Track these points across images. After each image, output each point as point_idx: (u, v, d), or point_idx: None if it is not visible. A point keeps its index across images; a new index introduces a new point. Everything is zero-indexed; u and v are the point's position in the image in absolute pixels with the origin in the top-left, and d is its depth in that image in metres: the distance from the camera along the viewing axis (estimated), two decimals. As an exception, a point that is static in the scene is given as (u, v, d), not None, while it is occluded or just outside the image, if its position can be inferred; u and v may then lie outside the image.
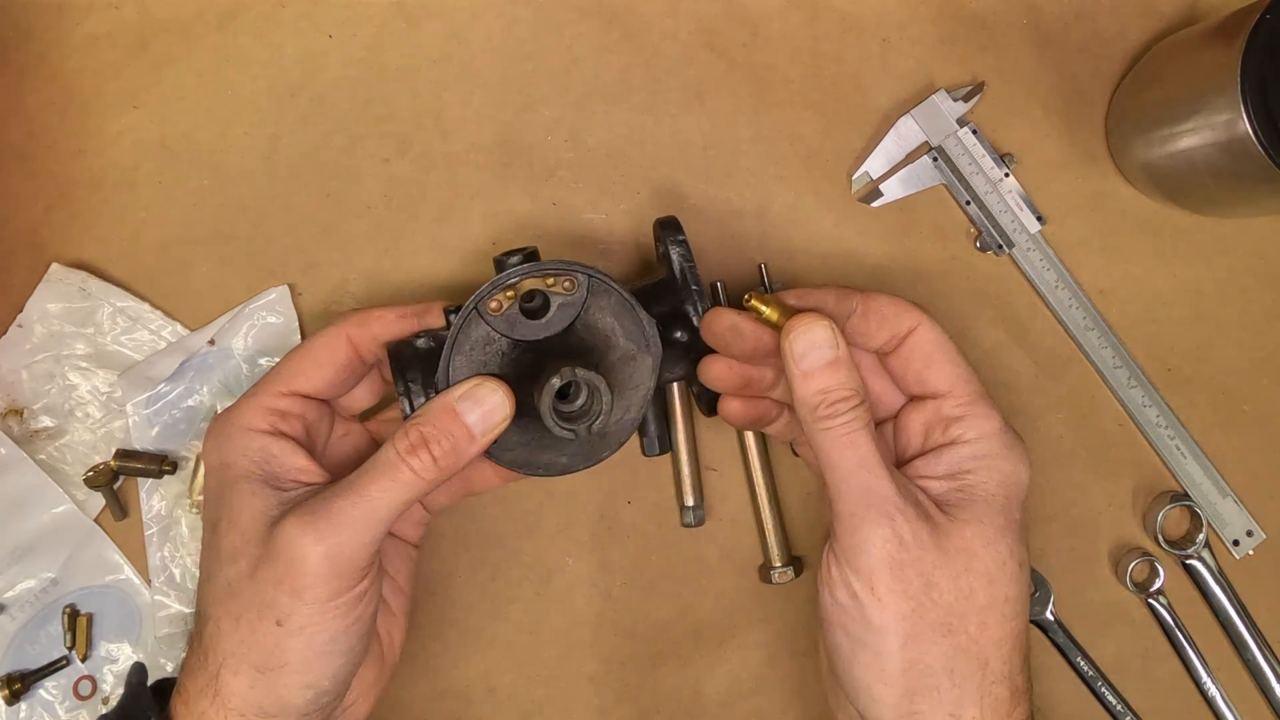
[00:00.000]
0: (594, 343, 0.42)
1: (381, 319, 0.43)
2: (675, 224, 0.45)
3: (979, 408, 0.41)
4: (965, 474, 0.40)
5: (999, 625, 0.38)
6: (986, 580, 0.38)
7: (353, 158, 0.52)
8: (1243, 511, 0.52)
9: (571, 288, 0.41)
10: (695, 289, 0.43)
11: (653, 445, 0.50)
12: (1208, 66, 0.45)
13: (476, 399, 0.39)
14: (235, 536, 0.39)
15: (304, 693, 0.38)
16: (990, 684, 0.38)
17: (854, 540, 0.38)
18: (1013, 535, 0.39)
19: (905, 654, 0.37)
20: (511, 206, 0.52)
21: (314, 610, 0.37)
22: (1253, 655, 0.51)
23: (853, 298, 0.42)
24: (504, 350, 0.41)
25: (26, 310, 0.51)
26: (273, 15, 0.52)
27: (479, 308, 0.40)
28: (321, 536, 0.37)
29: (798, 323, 0.40)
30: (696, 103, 0.52)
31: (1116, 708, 0.51)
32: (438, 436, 0.39)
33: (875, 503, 0.38)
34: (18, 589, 0.50)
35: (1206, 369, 0.52)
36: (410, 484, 0.38)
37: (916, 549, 0.37)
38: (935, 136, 0.51)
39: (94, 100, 0.52)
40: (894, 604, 0.37)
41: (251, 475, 0.40)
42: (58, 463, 0.50)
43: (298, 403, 0.42)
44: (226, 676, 0.38)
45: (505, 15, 0.52)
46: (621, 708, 0.51)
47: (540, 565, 0.51)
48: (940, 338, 0.42)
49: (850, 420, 0.38)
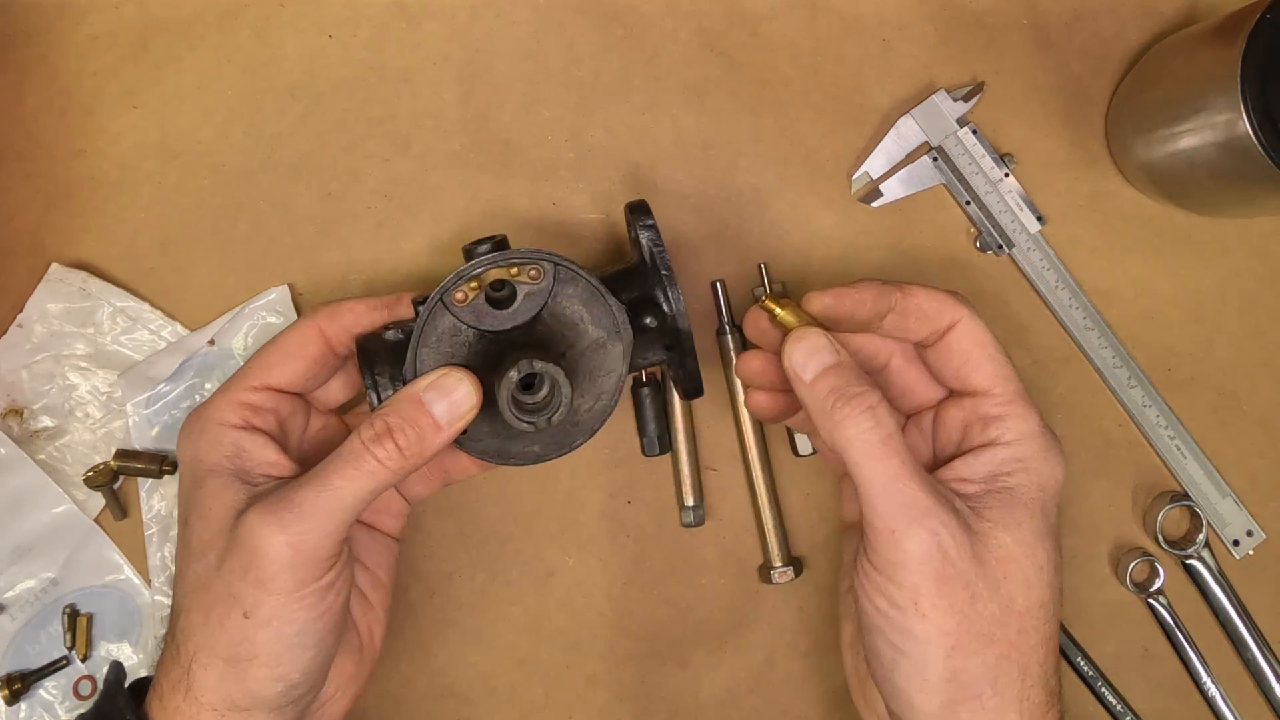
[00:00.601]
0: (562, 331, 0.41)
1: (352, 310, 0.43)
2: (644, 207, 0.44)
3: (1018, 407, 0.40)
4: (1004, 476, 0.39)
5: (1036, 630, 0.38)
6: (1025, 587, 0.38)
7: (353, 158, 0.52)
8: (1243, 511, 0.52)
9: (538, 276, 0.40)
10: (665, 274, 0.42)
11: (653, 445, 0.50)
12: (1208, 66, 0.45)
13: (443, 389, 0.39)
14: (205, 530, 0.39)
15: (274, 685, 0.38)
16: (1029, 689, 0.38)
17: (895, 555, 0.37)
18: (1050, 539, 0.39)
19: (949, 665, 0.37)
20: (511, 206, 0.52)
21: (280, 601, 0.37)
22: (1253, 655, 0.51)
23: (891, 294, 0.41)
24: (471, 341, 0.41)
25: (26, 310, 0.51)
26: (273, 15, 0.52)
27: (445, 299, 0.40)
28: (284, 526, 0.37)
29: (792, 338, 0.40)
30: (696, 103, 0.52)
31: (1116, 708, 0.51)
32: (403, 426, 0.38)
33: (916, 516, 0.37)
34: (18, 589, 0.50)
35: (1206, 369, 0.52)
36: (375, 474, 0.38)
37: (960, 562, 0.37)
38: (935, 136, 0.51)
39: (94, 100, 0.52)
40: (938, 619, 0.37)
41: (222, 469, 0.40)
42: (58, 463, 0.50)
43: (270, 397, 0.42)
44: (197, 670, 0.38)
45: (505, 15, 0.52)
46: (621, 708, 0.51)
47: (540, 565, 0.51)
48: (981, 333, 0.41)
49: (873, 426, 0.38)
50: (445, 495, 0.51)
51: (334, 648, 0.40)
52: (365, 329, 0.44)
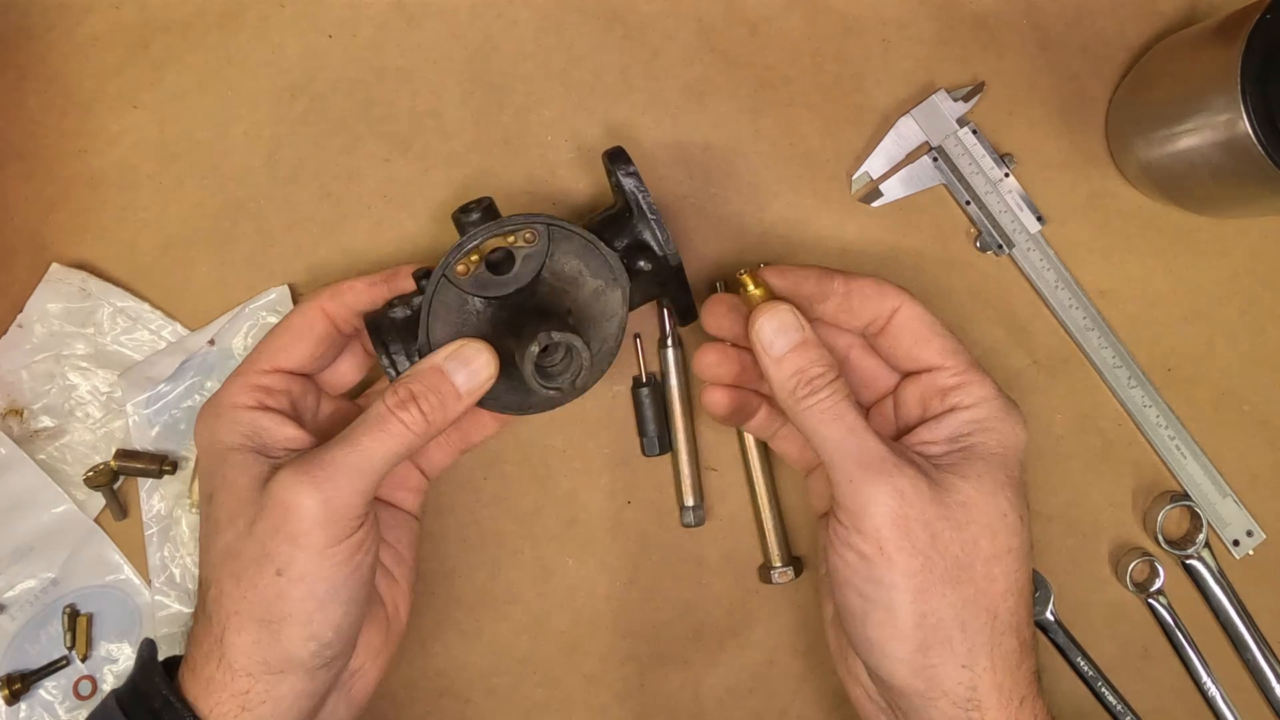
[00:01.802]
0: (563, 287, 0.43)
1: (352, 289, 0.45)
2: (623, 154, 0.45)
3: (973, 375, 0.42)
4: (965, 437, 0.41)
5: (1004, 576, 0.39)
6: (990, 532, 0.39)
7: (353, 158, 0.52)
8: (1243, 511, 0.52)
9: (533, 239, 0.42)
10: (654, 218, 0.44)
11: (653, 445, 0.50)
12: (1208, 66, 0.45)
13: (463, 359, 0.41)
14: (231, 501, 0.40)
15: (307, 644, 0.38)
16: (999, 635, 0.39)
17: (857, 503, 0.38)
18: (1012, 489, 0.40)
19: (917, 608, 0.38)
20: (512, 206, 0.52)
21: (312, 557, 0.38)
22: (1253, 655, 0.51)
23: (834, 279, 0.43)
24: (478, 309, 0.42)
25: (26, 310, 0.51)
26: (273, 15, 0.52)
27: (447, 274, 0.41)
28: (316, 483, 0.38)
29: (760, 311, 0.41)
30: (696, 103, 0.52)
31: (1116, 708, 0.51)
32: (425, 393, 0.40)
33: (872, 463, 0.38)
34: (18, 589, 0.50)
35: (1206, 369, 0.52)
36: (400, 436, 0.39)
37: (919, 503, 0.38)
38: (935, 136, 0.51)
39: (94, 100, 0.52)
40: (902, 560, 0.38)
41: (244, 448, 0.41)
42: (58, 463, 0.50)
43: (281, 378, 0.44)
44: (231, 636, 0.39)
45: (505, 15, 0.52)
46: (621, 708, 0.51)
47: (540, 565, 0.51)
48: (925, 314, 0.43)
49: (830, 394, 0.40)
50: (445, 495, 0.51)
51: (363, 609, 0.41)
52: (367, 306, 0.45)
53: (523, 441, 0.51)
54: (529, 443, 0.51)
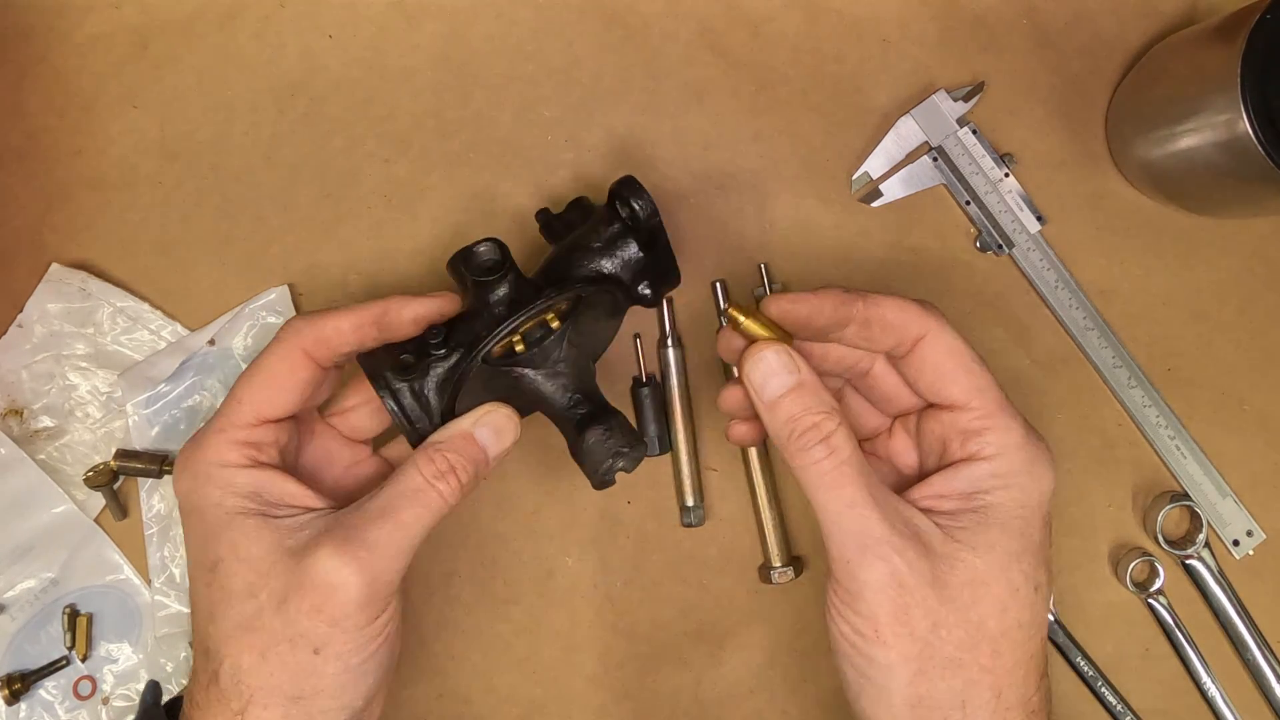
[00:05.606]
0: (582, 334, 0.43)
1: (338, 331, 0.41)
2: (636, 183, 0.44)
3: (999, 420, 0.39)
4: (982, 494, 0.38)
5: (1012, 652, 0.37)
6: (999, 609, 0.37)
7: (353, 158, 0.52)
8: (1243, 511, 0.52)
9: (565, 308, 0.42)
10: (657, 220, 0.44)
11: (653, 445, 0.50)
12: (1208, 66, 0.45)
13: (493, 426, 0.41)
14: (248, 573, 0.38)
15: (339, 714, 0.38)
16: (1004, 710, 0.37)
17: (853, 585, 0.37)
18: (1029, 559, 0.38)
19: (913, 690, 0.36)
20: (511, 207, 0.52)
21: (351, 635, 0.37)
22: (1253, 655, 0.51)
23: (854, 304, 0.40)
24: (499, 374, 0.42)
25: (26, 310, 0.51)
26: (273, 15, 0.52)
27: (486, 359, 0.41)
28: (361, 564, 0.37)
29: (748, 355, 0.39)
30: (696, 103, 0.52)
31: (1116, 708, 0.51)
32: (463, 463, 0.40)
33: (869, 545, 0.36)
34: (18, 589, 0.50)
35: (1206, 369, 0.52)
36: (438, 509, 0.39)
37: (920, 590, 0.36)
38: (935, 136, 0.51)
39: (94, 100, 0.52)
40: (899, 646, 0.36)
41: (248, 511, 0.39)
42: (58, 463, 0.50)
43: (269, 430, 0.41)
44: (256, 711, 0.37)
45: (505, 15, 0.52)
46: (621, 708, 0.51)
47: (540, 565, 0.51)
48: (953, 344, 0.40)
49: (827, 455, 0.37)
50: (445, 495, 0.51)
51: (391, 668, 0.40)
52: (354, 348, 0.42)
53: (523, 441, 0.51)
54: (529, 443, 0.51)
